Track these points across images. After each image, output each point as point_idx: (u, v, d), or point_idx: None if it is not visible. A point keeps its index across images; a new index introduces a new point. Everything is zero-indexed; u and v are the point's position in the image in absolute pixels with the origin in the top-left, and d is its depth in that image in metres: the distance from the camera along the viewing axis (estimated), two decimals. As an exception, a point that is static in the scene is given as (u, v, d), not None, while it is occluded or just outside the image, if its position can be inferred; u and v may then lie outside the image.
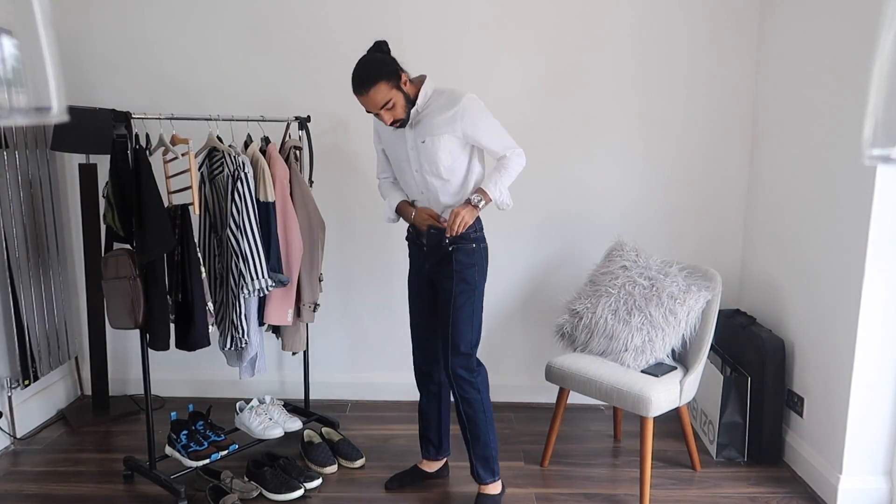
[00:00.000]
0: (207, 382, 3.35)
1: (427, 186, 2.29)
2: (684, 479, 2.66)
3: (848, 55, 2.38)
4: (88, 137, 2.82)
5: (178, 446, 2.54)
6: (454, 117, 2.19)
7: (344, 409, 3.29)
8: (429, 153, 2.22)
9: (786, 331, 2.80)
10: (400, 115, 2.17)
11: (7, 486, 2.54)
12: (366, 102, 2.13)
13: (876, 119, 0.57)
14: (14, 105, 0.55)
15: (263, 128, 2.78)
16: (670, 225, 3.25)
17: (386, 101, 2.12)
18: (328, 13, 3.11)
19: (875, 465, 2.42)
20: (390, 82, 2.12)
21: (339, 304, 3.33)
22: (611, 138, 3.19)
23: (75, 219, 3.24)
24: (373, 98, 2.10)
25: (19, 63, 0.54)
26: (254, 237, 2.48)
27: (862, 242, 2.29)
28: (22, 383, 2.85)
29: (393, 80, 2.12)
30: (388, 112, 2.15)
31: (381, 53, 2.18)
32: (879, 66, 0.56)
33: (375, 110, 2.15)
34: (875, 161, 0.59)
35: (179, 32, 3.13)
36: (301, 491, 2.48)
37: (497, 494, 2.43)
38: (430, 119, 2.22)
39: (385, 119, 2.16)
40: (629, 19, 3.09)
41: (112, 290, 2.39)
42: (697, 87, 3.14)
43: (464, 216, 2.19)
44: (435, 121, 2.21)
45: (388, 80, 2.11)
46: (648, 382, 2.42)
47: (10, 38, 0.53)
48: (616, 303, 2.66)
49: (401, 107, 2.16)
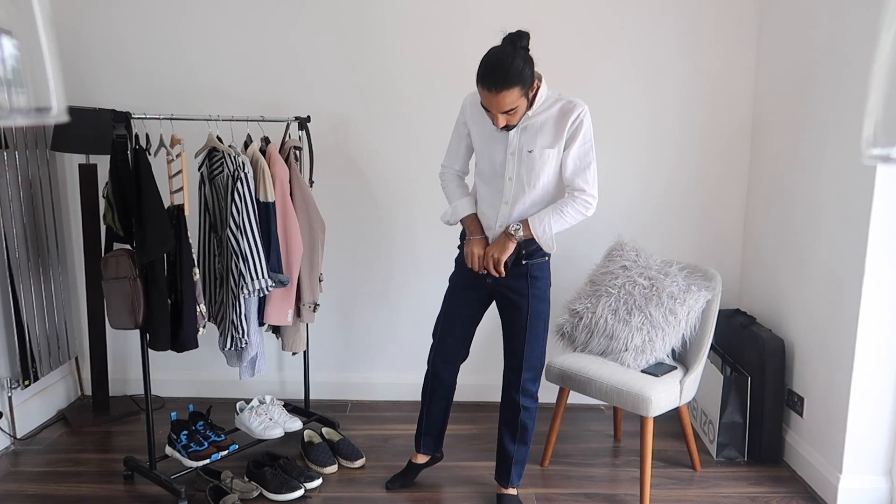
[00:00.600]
0: (207, 382, 3.35)
1: (514, 196, 2.14)
2: (684, 479, 2.66)
3: (848, 55, 2.38)
4: (88, 137, 2.82)
5: (178, 446, 2.54)
6: (566, 125, 2.05)
7: (344, 409, 3.29)
8: (533, 164, 2.08)
9: (786, 331, 2.80)
10: (515, 121, 2.02)
11: (7, 486, 2.54)
12: (489, 100, 1.93)
13: (876, 119, 0.57)
14: (14, 105, 0.55)
15: (263, 128, 2.78)
16: (670, 225, 3.25)
17: (512, 107, 1.94)
18: (328, 13, 3.11)
19: (875, 465, 2.42)
20: (524, 89, 1.94)
21: (339, 305, 3.33)
22: (611, 138, 3.19)
23: (75, 219, 3.24)
24: (501, 100, 1.91)
25: (19, 63, 0.54)
26: (254, 237, 2.48)
27: (862, 242, 2.29)
28: (22, 383, 2.85)
29: (526, 88, 1.94)
30: (505, 116, 1.97)
31: (524, 51, 1.96)
32: (879, 66, 0.56)
33: (498, 111, 1.95)
34: (875, 161, 0.59)
35: (179, 33, 3.13)
36: (301, 491, 2.48)
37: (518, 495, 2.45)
38: (541, 126, 2.07)
39: (499, 122, 1.98)
40: (629, 19, 3.09)
41: (112, 291, 2.39)
42: (697, 87, 3.14)
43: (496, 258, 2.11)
44: (546, 129, 2.06)
45: (523, 86, 1.92)
46: (648, 382, 2.42)
47: (10, 38, 0.53)
48: (616, 303, 2.66)
49: (520, 114, 2.01)
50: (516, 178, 2.11)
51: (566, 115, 2.06)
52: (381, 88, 3.16)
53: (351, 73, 3.16)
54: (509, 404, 2.34)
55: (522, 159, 2.08)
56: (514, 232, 2.12)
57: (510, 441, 2.37)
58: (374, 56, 3.14)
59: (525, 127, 2.07)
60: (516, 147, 2.08)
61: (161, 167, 2.43)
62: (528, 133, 2.07)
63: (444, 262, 3.28)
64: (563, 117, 2.06)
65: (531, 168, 2.08)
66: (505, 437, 2.38)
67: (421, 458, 2.59)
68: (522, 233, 2.12)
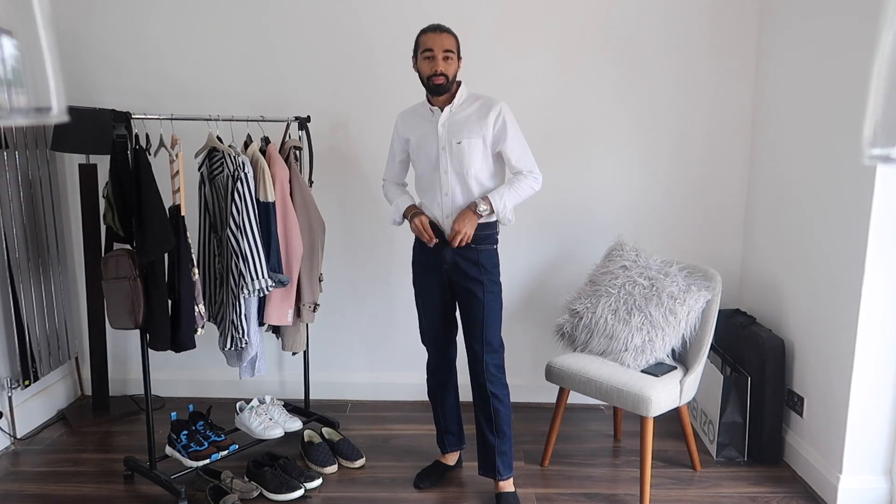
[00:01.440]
0: (207, 382, 3.35)
1: (452, 189, 2.33)
2: (684, 479, 2.66)
3: (848, 55, 2.38)
4: (88, 137, 2.82)
5: (178, 446, 2.54)
6: (489, 121, 2.28)
7: (344, 409, 3.29)
8: (463, 155, 2.29)
9: (786, 331, 2.80)
10: (449, 74, 2.25)
11: (7, 486, 2.54)
12: (435, 39, 2.24)
13: (876, 119, 0.57)
14: (14, 105, 0.55)
15: (263, 128, 2.78)
16: (670, 225, 3.25)
17: (450, 51, 2.24)
18: (328, 13, 3.11)
19: (875, 465, 2.42)
20: (457, 49, 2.27)
21: (339, 304, 3.33)
22: (611, 138, 3.19)
23: (75, 219, 3.24)
24: (444, 39, 2.24)
25: (19, 63, 0.54)
26: (254, 237, 2.48)
27: (862, 242, 2.29)
28: (22, 383, 2.85)
29: (458, 52, 2.28)
30: (444, 63, 2.24)
31: None
32: (879, 66, 0.56)
33: (439, 51, 2.23)
34: (875, 161, 0.59)
35: (179, 32, 3.13)
36: (301, 491, 2.48)
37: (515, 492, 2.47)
38: (465, 120, 2.30)
39: (439, 66, 2.23)
40: (629, 19, 3.09)
41: (112, 290, 2.39)
42: (697, 87, 3.14)
43: (466, 231, 2.26)
44: (471, 122, 2.29)
45: (457, 45, 2.28)
46: (648, 382, 2.42)
47: (10, 38, 0.53)
48: (616, 303, 2.66)
49: (452, 72, 2.27)
50: (451, 169, 2.31)
51: (487, 112, 2.30)
52: (381, 88, 3.16)
53: (351, 74, 3.16)
54: (479, 392, 2.41)
55: (453, 151, 2.30)
56: (481, 212, 2.27)
57: (488, 431, 2.43)
58: (374, 56, 3.14)
59: (450, 122, 2.31)
60: (446, 141, 2.31)
61: (161, 167, 2.43)
62: (454, 127, 2.30)
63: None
64: (485, 114, 2.29)
65: (461, 159, 2.29)
66: (483, 428, 2.44)
67: (450, 458, 2.67)
68: (487, 210, 2.28)
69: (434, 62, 2.24)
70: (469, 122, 2.30)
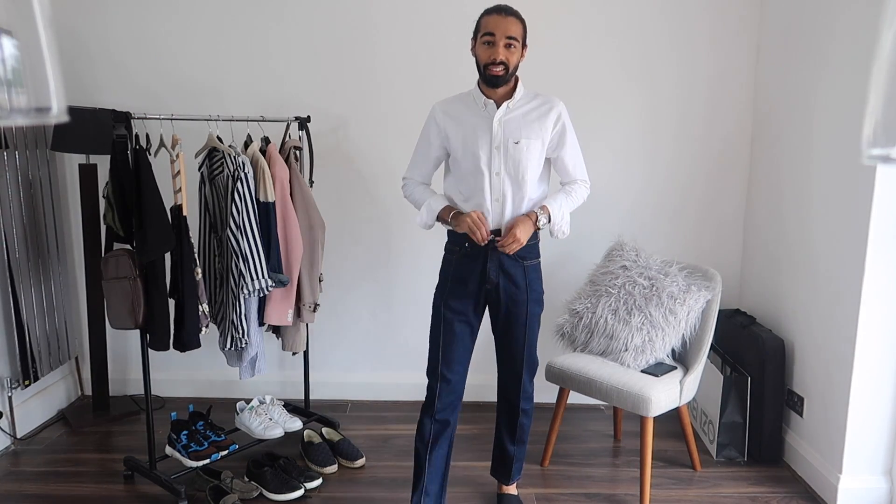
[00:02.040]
0: (207, 382, 3.35)
1: (503, 194, 2.09)
2: (684, 479, 2.66)
3: (848, 54, 2.38)
4: (88, 137, 2.82)
5: (178, 446, 2.54)
6: (549, 122, 2.09)
7: (344, 409, 3.29)
8: (520, 156, 2.06)
9: (786, 331, 2.80)
10: (511, 64, 2.01)
11: (7, 486, 2.54)
12: (499, 23, 1.98)
13: (876, 119, 0.57)
14: (14, 105, 0.54)
15: (263, 128, 2.78)
16: (670, 225, 3.25)
17: (514, 39, 1.99)
18: (328, 13, 3.11)
19: (875, 465, 2.42)
20: (524, 34, 2.04)
21: (339, 305, 3.33)
22: (611, 138, 3.19)
23: (75, 219, 3.24)
24: (509, 24, 1.98)
25: (19, 63, 0.54)
26: (254, 237, 2.48)
27: (862, 242, 2.29)
28: (22, 383, 2.85)
29: (524, 37, 2.04)
30: (506, 51, 1.99)
31: None
32: (879, 65, 0.56)
33: (501, 37, 1.97)
34: (875, 161, 0.59)
35: (180, 32, 3.13)
36: (301, 491, 2.48)
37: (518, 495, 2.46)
38: (523, 118, 2.08)
39: (499, 54, 1.98)
40: (629, 19, 3.09)
41: (112, 291, 2.39)
42: (697, 87, 3.14)
43: (519, 239, 2.04)
44: (529, 121, 2.08)
45: (524, 30, 2.04)
46: (648, 382, 2.42)
47: (10, 38, 0.53)
48: (616, 303, 2.66)
49: (514, 62, 2.03)
50: (504, 172, 2.08)
51: (548, 111, 2.11)
52: (380, 88, 3.16)
53: (351, 74, 3.16)
54: (508, 409, 2.32)
55: (509, 152, 2.07)
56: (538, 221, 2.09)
57: (510, 442, 2.37)
58: (374, 56, 3.14)
59: (507, 119, 2.08)
60: (501, 140, 2.07)
61: (161, 167, 2.43)
62: (511, 125, 2.08)
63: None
64: (545, 113, 2.10)
65: (518, 161, 2.07)
66: (504, 439, 2.37)
67: None
68: (543, 218, 2.10)
69: (494, 49, 1.98)
70: (528, 122, 2.07)
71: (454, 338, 2.17)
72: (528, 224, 2.07)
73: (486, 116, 2.08)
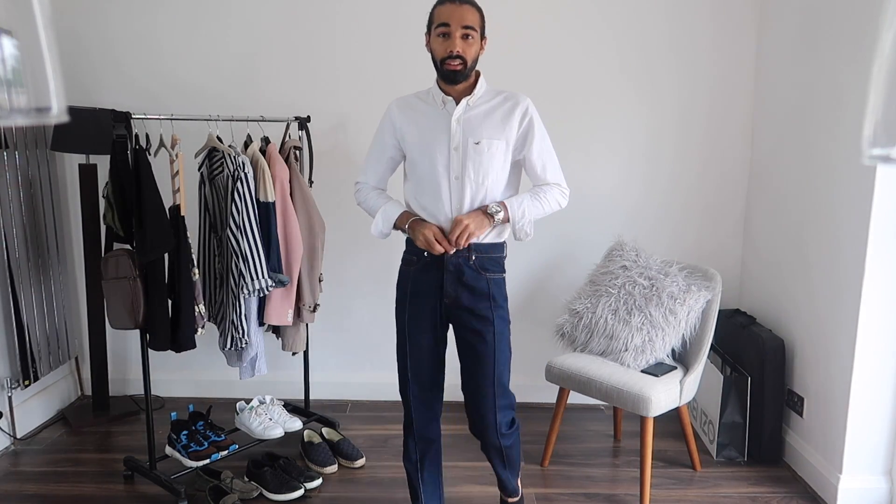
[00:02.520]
0: (207, 382, 3.35)
1: (461, 199, 1.91)
2: (684, 479, 2.66)
3: (848, 55, 2.38)
4: (88, 137, 2.82)
5: (178, 446, 2.54)
6: (514, 120, 1.92)
7: (344, 409, 3.29)
8: (481, 158, 1.89)
9: (786, 331, 2.80)
10: (468, 58, 1.85)
11: (7, 486, 2.54)
12: (453, 12, 1.82)
13: (876, 119, 0.57)
14: (14, 105, 0.54)
15: (263, 128, 2.78)
16: (670, 225, 3.25)
17: (471, 29, 1.83)
18: (328, 13, 3.11)
19: (875, 465, 2.42)
20: (481, 23, 1.87)
21: (339, 305, 3.33)
22: (611, 138, 3.19)
23: (75, 219, 3.24)
24: (465, 12, 1.82)
25: (19, 63, 0.54)
26: (254, 237, 2.48)
27: (862, 242, 2.29)
28: (22, 383, 2.85)
29: (482, 26, 1.88)
30: (463, 42, 1.83)
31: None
32: (879, 65, 0.56)
33: (457, 27, 1.82)
34: (875, 161, 0.59)
35: (180, 32, 3.13)
36: (301, 491, 2.48)
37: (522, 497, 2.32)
38: (485, 117, 1.91)
39: (456, 47, 1.81)
40: (629, 19, 3.09)
41: (112, 291, 2.39)
42: (697, 87, 3.14)
43: (468, 226, 1.84)
44: (492, 120, 1.91)
45: (481, 18, 1.87)
46: (648, 382, 2.42)
47: (10, 38, 0.53)
48: (616, 303, 2.66)
49: (472, 55, 1.86)
50: (463, 175, 1.90)
51: (512, 108, 1.93)
52: (380, 88, 3.16)
53: (351, 73, 3.16)
54: (489, 445, 2.06)
55: (468, 153, 1.89)
56: (493, 213, 1.89)
57: (501, 468, 2.14)
58: (374, 56, 3.14)
59: (467, 118, 1.91)
60: (460, 140, 1.90)
61: (161, 167, 2.43)
62: (472, 123, 1.91)
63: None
64: (510, 111, 1.93)
65: (479, 163, 1.89)
66: (496, 465, 2.14)
67: None
68: (502, 215, 1.90)
69: (450, 41, 1.82)
70: (490, 120, 1.90)
71: (421, 352, 2.02)
72: (478, 214, 1.88)
73: (444, 115, 1.92)
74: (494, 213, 1.89)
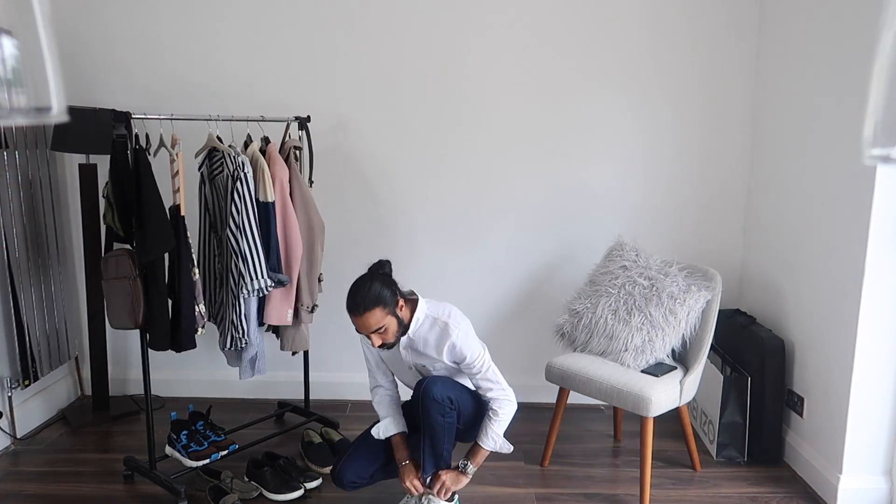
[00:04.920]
0: (207, 382, 3.35)
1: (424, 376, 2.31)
2: (684, 479, 2.66)
3: (848, 55, 2.38)
4: (88, 137, 2.82)
5: (178, 446, 2.54)
6: (444, 352, 2.21)
7: (344, 409, 3.29)
8: (433, 367, 2.29)
9: (786, 331, 2.80)
10: (390, 339, 2.15)
11: (7, 486, 2.54)
12: (357, 323, 2.09)
13: (876, 119, 0.57)
14: (14, 105, 0.54)
15: (263, 128, 2.79)
16: (670, 225, 3.25)
17: (379, 326, 2.09)
18: (328, 13, 3.11)
19: (875, 465, 2.42)
20: (386, 308, 2.09)
21: (339, 304, 3.32)
22: (611, 138, 3.19)
23: (75, 219, 3.24)
24: (366, 321, 2.07)
25: (19, 63, 0.54)
26: (253, 237, 2.48)
27: (862, 242, 2.29)
28: (22, 383, 2.85)
29: (389, 307, 2.10)
30: (378, 335, 2.11)
31: (382, 275, 2.16)
32: (879, 66, 0.56)
33: (366, 333, 2.11)
34: (875, 161, 0.59)
35: (180, 32, 3.13)
36: (301, 491, 2.48)
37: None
38: (425, 346, 2.23)
39: (374, 341, 2.12)
40: (629, 20, 3.09)
41: (112, 290, 2.39)
42: (697, 87, 3.15)
43: (445, 483, 2.23)
44: (429, 349, 2.23)
45: (384, 306, 2.09)
46: (648, 382, 2.42)
47: (10, 38, 0.53)
48: (616, 303, 2.66)
49: (392, 332, 2.14)
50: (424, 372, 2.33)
51: (441, 340, 2.20)
52: (380, 88, 3.16)
53: (351, 74, 3.16)
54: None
55: (422, 368, 2.31)
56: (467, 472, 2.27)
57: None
58: (374, 56, 3.14)
59: (412, 346, 2.25)
60: (411, 362, 2.29)
61: (161, 167, 2.43)
62: (415, 352, 2.26)
63: (443, 262, 3.28)
64: (440, 342, 2.20)
65: (432, 369, 2.29)
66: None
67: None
68: (472, 468, 2.27)
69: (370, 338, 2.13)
70: (428, 348, 2.23)
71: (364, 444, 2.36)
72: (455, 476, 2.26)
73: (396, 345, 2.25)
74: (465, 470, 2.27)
